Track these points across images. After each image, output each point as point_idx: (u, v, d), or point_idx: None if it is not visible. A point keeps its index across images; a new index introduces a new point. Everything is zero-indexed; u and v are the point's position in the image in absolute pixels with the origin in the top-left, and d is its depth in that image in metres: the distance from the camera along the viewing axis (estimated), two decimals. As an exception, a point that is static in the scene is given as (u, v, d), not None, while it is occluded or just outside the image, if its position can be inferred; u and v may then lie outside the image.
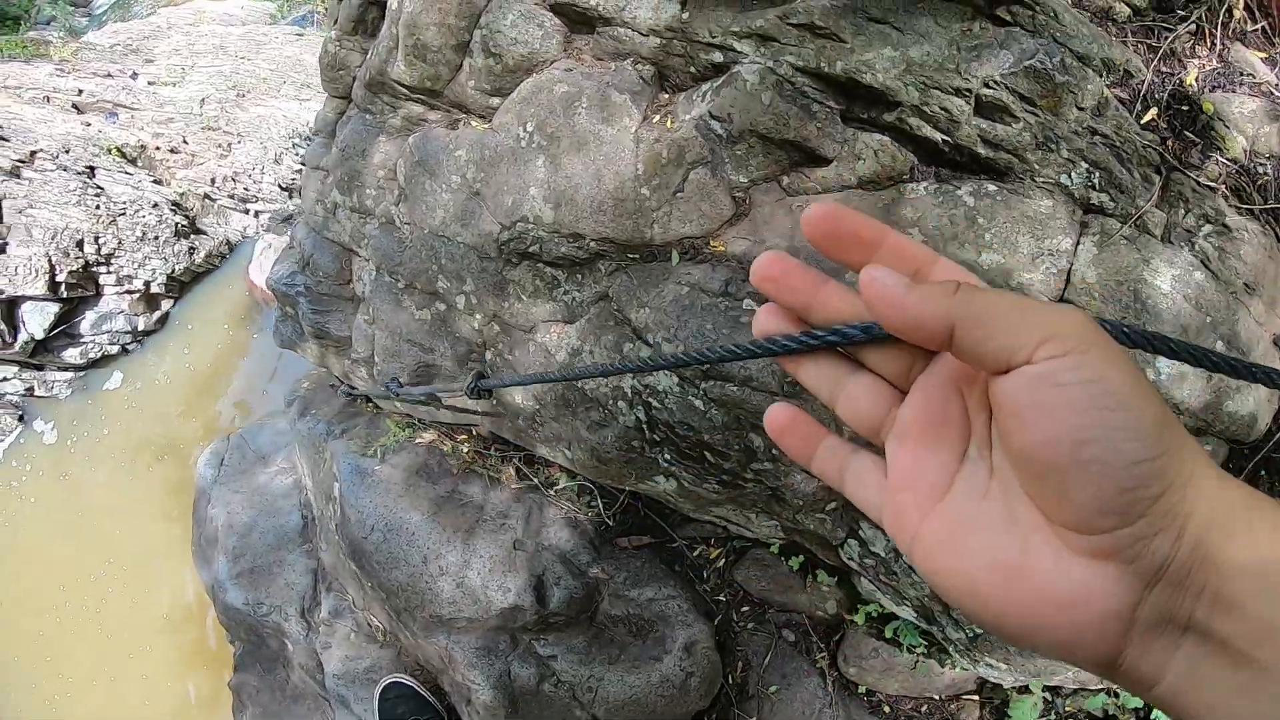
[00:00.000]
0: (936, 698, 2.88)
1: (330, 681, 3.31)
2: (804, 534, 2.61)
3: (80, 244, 7.02)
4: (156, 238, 7.24)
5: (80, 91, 8.21)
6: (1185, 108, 2.35)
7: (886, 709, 2.88)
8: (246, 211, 7.73)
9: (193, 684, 5.63)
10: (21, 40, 8.84)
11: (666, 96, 2.50)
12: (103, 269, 7.18)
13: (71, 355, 7.26)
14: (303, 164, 8.02)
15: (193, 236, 7.44)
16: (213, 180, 7.66)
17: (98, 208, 7.15)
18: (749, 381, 2.19)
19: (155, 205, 7.32)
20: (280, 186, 7.74)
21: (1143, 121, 2.31)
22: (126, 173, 7.58)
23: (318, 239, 3.32)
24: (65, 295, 7.02)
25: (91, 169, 7.50)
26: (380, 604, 3.23)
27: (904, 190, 2.18)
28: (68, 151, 7.50)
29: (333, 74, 3.36)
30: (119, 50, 8.89)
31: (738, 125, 2.22)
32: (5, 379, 7.29)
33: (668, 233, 2.39)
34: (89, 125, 7.90)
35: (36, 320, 7.01)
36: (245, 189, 7.72)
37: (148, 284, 7.28)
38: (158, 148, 7.75)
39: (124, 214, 7.22)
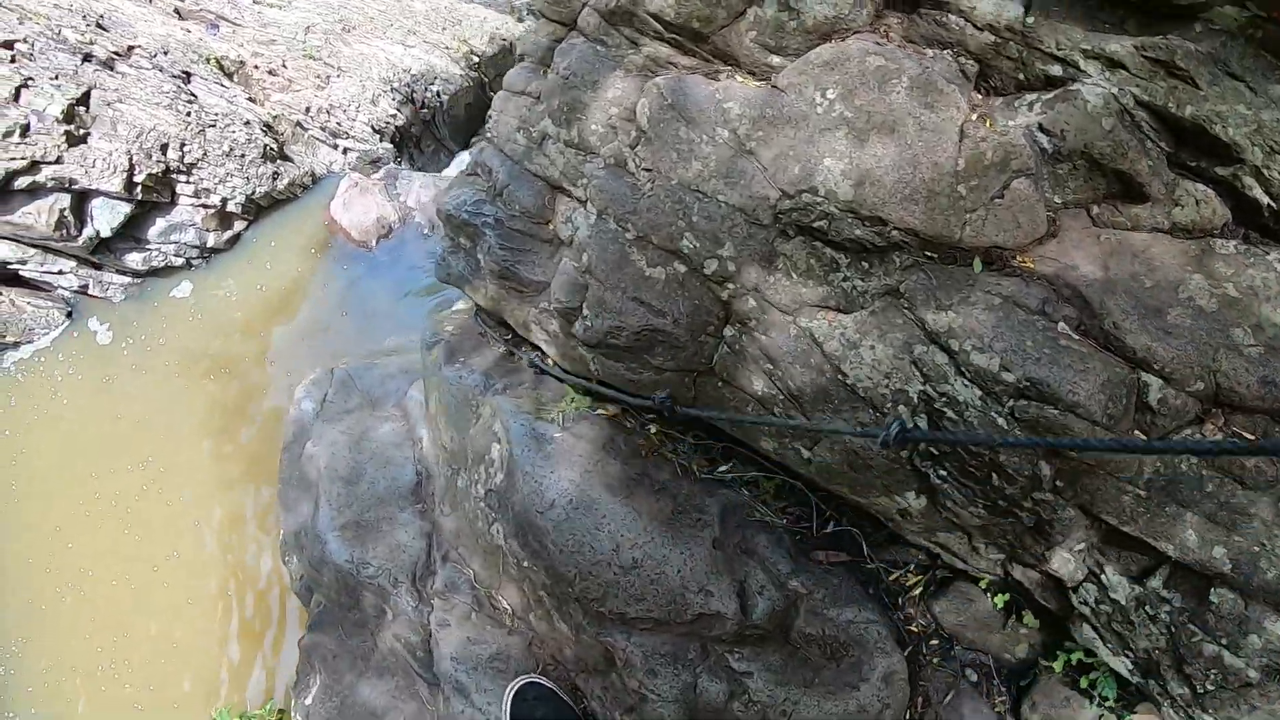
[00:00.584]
0: (1104, 755, 2.50)
1: (447, 665, 2.75)
2: (1035, 572, 2.30)
3: (164, 148, 6.40)
4: (243, 156, 6.63)
5: (183, -2, 7.60)
6: None
7: (1060, 761, 2.52)
8: (335, 147, 7.13)
9: (222, 602, 5.25)
10: (127, -63, 8.16)
11: (980, 97, 2.19)
12: (182, 178, 6.56)
13: (134, 260, 6.63)
14: (418, 105, 7.48)
15: (279, 162, 6.83)
16: (307, 109, 7.06)
17: (188, 115, 6.53)
18: (1075, 407, 1.89)
19: (247, 123, 6.71)
20: (373, 128, 7.17)
21: None
22: (222, 85, 6.96)
23: (516, 169, 2.78)
24: (139, 198, 6.39)
25: (187, 75, 6.88)
26: (523, 584, 2.70)
27: (1213, 244, 1.98)
28: (166, 53, 6.88)
29: None
30: (226, -36, 8.26)
31: (1070, 144, 1.99)
32: (61, 272, 6.66)
33: (979, 237, 2.07)
34: (189, 32, 7.27)
35: (105, 217, 6.39)
36: (338, 124, 7.13)
37: (225, 201, 6.66)
38: (256, 66, 7.13)
39: (214, 126, 6.61)
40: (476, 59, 8.05)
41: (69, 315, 6.73)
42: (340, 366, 3.96)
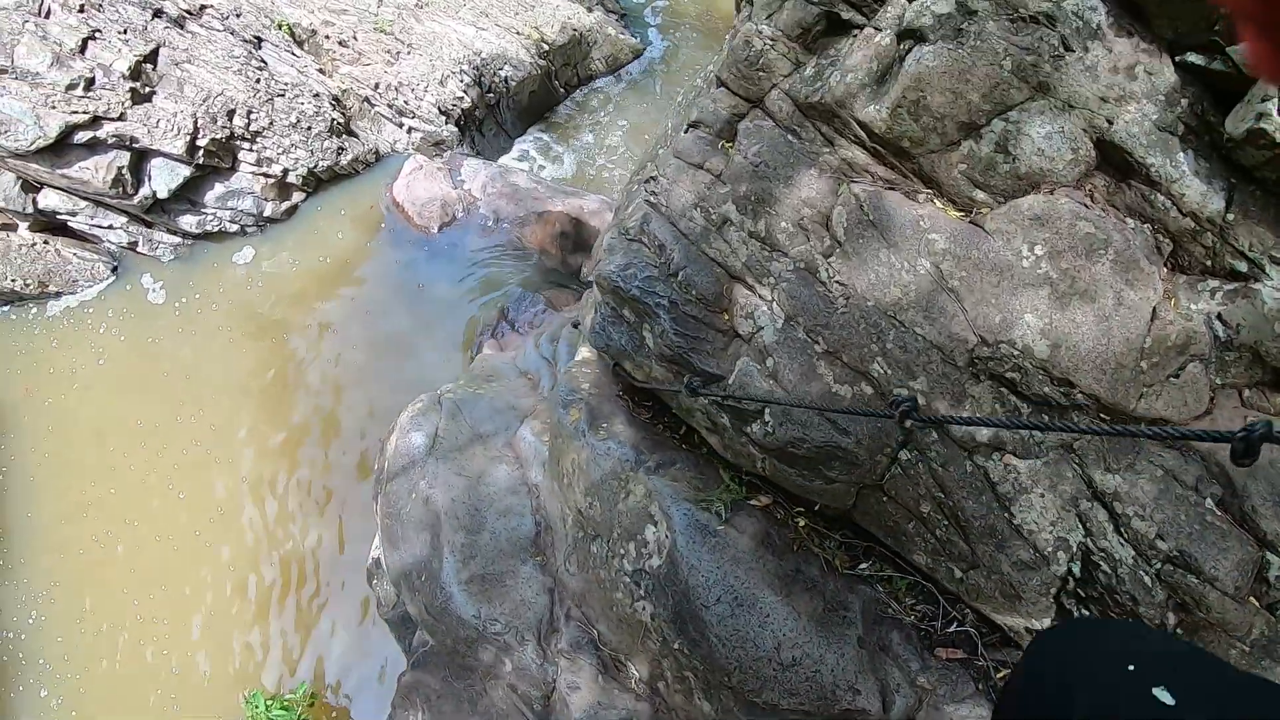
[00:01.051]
0: None
1: (575, 727, 2.88)
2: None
3: (231, 114, 6.30)
4: (309, 128, 6.54)
5: (253, -47, 7.42)
6: None
7: None
8: (400, 125, 7.05)
9: (266, 578, 5.45)
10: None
11: (1165, 271, 2.32)
12: (245, 145, 6.47)
13: (187, 222, 6.57)
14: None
15: (344, 136, 6.74)
16: (376, 85, 6.96)
17: (258, 82, 6.42)
18: (1214, 580, 2.13)
19: (316, 95, 6.62)
20: (439, 109, 7.08)
21: None
22: (293, 54, 6.84)
23: (692, 251, 2.80)
24: (200, 161, 6.30)
25: (259, 40, 6.74)
26: (664, 660, 2.82)
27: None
28: (239, 15, 6.73)
29: (748, 71, 2.83)
30: (295, -80, 8.06)
31: (1242, 338, 2.17)
32: (111, 226, 6.57)
33: (1150, 409, 2.24)
34: (258, -9, 7.15)
35: (164, 178, 6.30)
36: (405, 102, 7.04)
37: (286, 171, 6.59)
38: (327, 36, 7.00)
39: (282, 95, 6.51)
40: (546, 47, 7.95)
41: (114, 270, 6.69)
42: (447, 395, 3.94)
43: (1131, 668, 0.86)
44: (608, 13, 9.25)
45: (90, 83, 5.90)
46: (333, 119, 6.62)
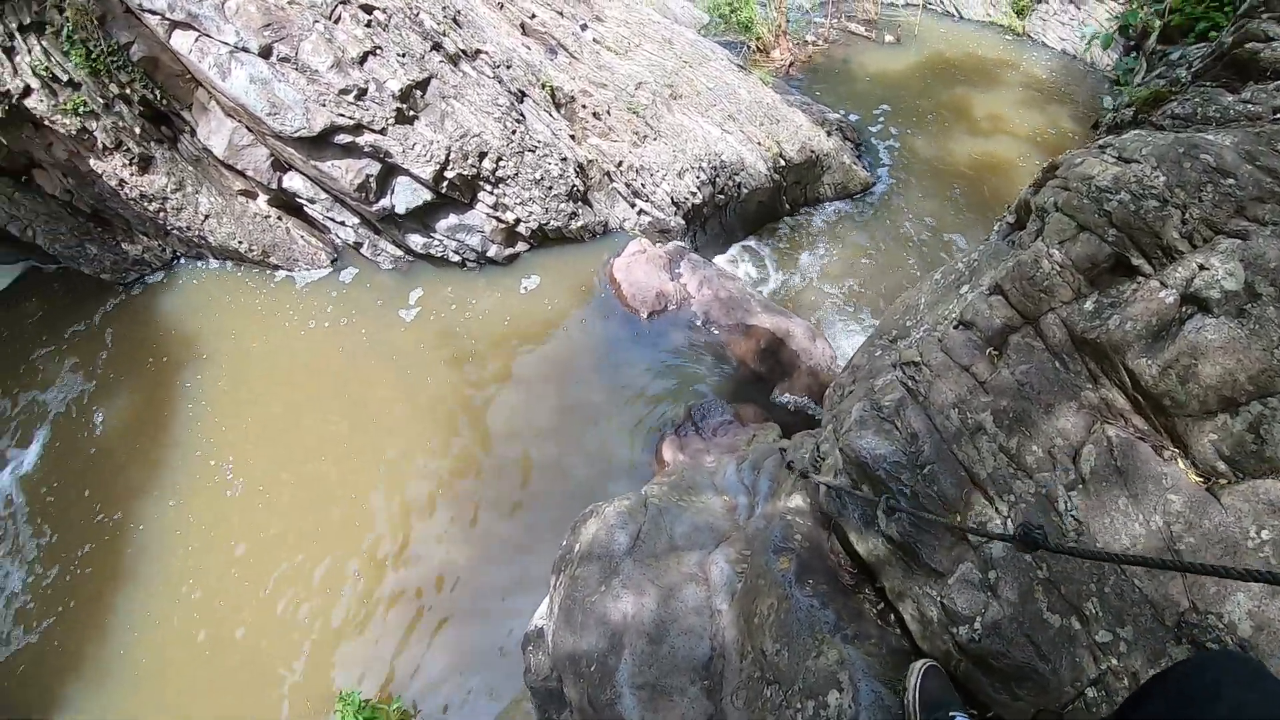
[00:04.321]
0: None
1: None
2: None
3: (482, 156, 7.14)
4: (550, 188, 7.36)
5: (533, 16, 8.39)
6: None
7: None
8: (633, 205, 7.82)
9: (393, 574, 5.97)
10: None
11: None
12: (487, 187, 7.31)
13: (414, 241, 7.42)
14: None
15: (579, 204, 7.56)
16: (619, 163, 7.77)
17: (514, 133, 7.28)
18: None
19: (564, 159, 7.45)
20: (672, 199, 7.83)
21: None
22: (550, 115, 7.72)
23: (942, 448, 3.23)
24: (443, 191, 7.16)
25: (522, 94, 7.65)
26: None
27: None
28: (509, 66, 7.66)
29: (1031, 291, 3.28)
30: (571, -6, 9.05)
31: None
32: (343, 223, 7.49)
33: None
34: (529, 50, 8.07)
35: (404, 197, 7.15)
36: (642, 185, 7.81)
37: (518, 221, 7.40)
38: (584, 106, 7.88)
39: (533, 151, 7.35)
40: (783, 162, 8.66)
41: (333, 262, 7.64)
42: (653, 499, 4.42)
43: None
44: (845, 140, 9.93)
45: (362, 93, 6.84)
46: (573, 185, 7.42)
